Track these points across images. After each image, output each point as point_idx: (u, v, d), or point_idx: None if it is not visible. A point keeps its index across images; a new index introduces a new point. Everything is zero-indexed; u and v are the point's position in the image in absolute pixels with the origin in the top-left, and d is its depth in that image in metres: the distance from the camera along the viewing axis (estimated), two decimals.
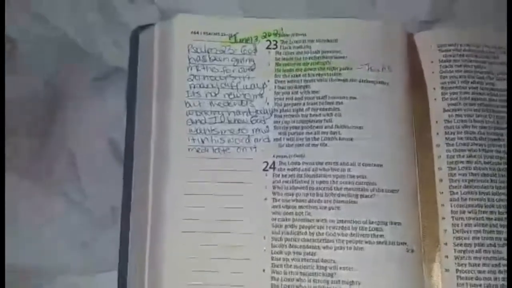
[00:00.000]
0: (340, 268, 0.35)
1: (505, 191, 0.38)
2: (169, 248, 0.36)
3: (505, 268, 0.36)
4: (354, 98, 0.38)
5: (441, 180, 0.38)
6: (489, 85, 0.40)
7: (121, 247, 0.37)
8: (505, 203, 0.38)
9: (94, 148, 0.40)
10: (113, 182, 0.39)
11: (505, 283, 0.36)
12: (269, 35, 0.39)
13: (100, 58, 0.41)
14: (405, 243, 0.36)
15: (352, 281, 0.35)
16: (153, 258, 0.36)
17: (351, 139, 0.37)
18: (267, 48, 0.39)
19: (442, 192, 0.38)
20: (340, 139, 0.37)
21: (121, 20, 0.42)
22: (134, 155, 0.38)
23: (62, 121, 0.40)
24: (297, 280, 0.35)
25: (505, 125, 0.39)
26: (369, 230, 0.36)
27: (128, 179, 0.38)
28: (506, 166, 0.38)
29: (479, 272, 0.36)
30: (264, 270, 0.35)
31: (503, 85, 0.40)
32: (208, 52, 0.38)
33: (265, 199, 0.36)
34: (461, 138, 0.39)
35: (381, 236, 0.36)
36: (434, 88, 0.40)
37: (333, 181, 0.36)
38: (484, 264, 0.36)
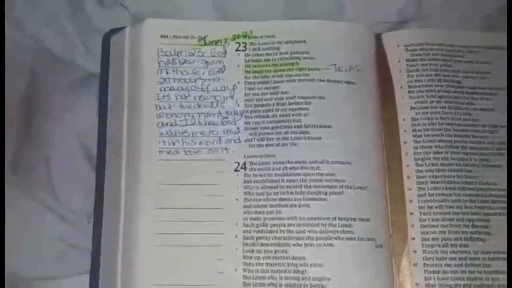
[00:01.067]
0: (311, 264, 0.36)
1: (471, 186, 0.39)
2: (142, 251, 0.37)
3: (472, 261, 0.38)
4: (322, 98, 0.39)
5: (408, 177, 0.40)
6: (455, 83, 0.42)
7: (93, 251, 0.38)
8: (471, 197, 0.39)
9: (68, 154, 0.41)
10: (87, 187, 0.39)
11: (471, 275, 0.38)
12: (238, 37, 0.41)
13: (75, 64, 0.42)
14: (374, 239, 0.37)
15: (323, 277, 0.36)
16: (126, 260, 0.37)
17: (320, 138, 0.38)
18: (237, 50, 0.40)
19: (410, 189, 0.40)
20: (309, 138, 0.38)
21: (94, 25, 0.43)
22: (107, 159, 0.39)
23: (38, 128, 0.41)
24: (269, 278, 0.36)
25: (471, 121, 0.41)
26: (339, 227, 0.37)
27: (100, 183, 0.39)
28: (471, 161, 0.40)
29: (446, 265, 0.38)
30: (236, 269, 0.37)
31: (468, 83, 0.42)
32: (177, 55, 0.40)
33: (237, 199, 0.38)
34: (428, 135, 0.40)
35: (350, 232, 0.37)
36: (401, 87, 0.42)
37: (303, 179, 0.38)
38: (451, 258, 0.38)
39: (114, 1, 0.44)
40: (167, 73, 0.39)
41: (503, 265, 0.38)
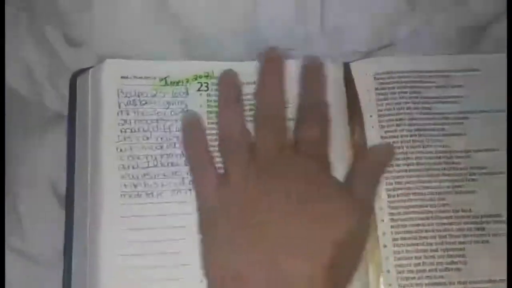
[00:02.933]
0: None
1: (445, 214, 0.40)
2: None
3: None
4: None
5: (381, 208, 0.40)
6: (425, 109, 0.42)
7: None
8: (445, 226, 0.40)
9: (36, 192, 0.42)
10: (56, 225, 0.40)
11: None
12: (200, 78, 0.42)
13: (42, 104, 0.43)
14: None
15: None
16: None
17: None
18: (198, 90, 0.41)
19: (383, 220, 0.40)
20: None
21: (63, 65, 0.44)
22: (75, 199, 0.40)
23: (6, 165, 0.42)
24: None
25: (442, 148, 0.41)
26: None
27: (69, 223, 0.40)
28: (444, 189, 0.40)
29: None
30: None
31: (439, 108, 0.42)
32: (138, 96, 0.41)
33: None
34: (399, 165, 0.41)
35: None
36: (371, 116, 0.42)
37: None
38: None
39: (83, 40, 0.45)
40: (127, 114, 0.40)
41: None
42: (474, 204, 0.40)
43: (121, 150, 0.40)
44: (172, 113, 0.41)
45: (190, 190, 0.39)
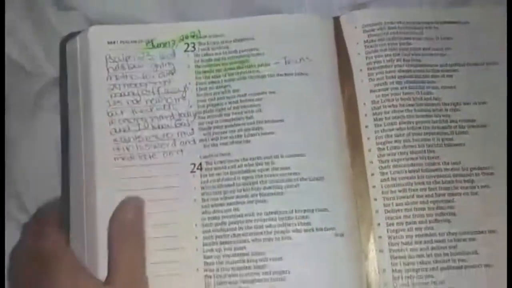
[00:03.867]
0: (270, 259, 0.38)
1: (435, 167, 0.40)
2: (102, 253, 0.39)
3: (438, 244, 0.39)
4: (273, 92, 0.41)
5: (371, 162, 0.41)
6: (415, 61, 0.43)
7: None
8: (434, 179, 0.40)
9: (39, 162, 0.44)
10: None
11: (438, 258, 0.39)
12: (186, 38, 0.42)
13: (41, 72, 0.45)
14: (334, 228, 0.39)
15: (282, 271, 0.38)
16: (90, 262, 0.39)
17: (273, 133, 0.40)
18: (186, 51, 0.42)
19: (373, 174, 0.41)
20: (262, 134, 0.40)
21: (54, 29, 0.45)
22: (70, 167, 0.41)
23: (8, 138, 0.44)
24: (229, 276, 0.38)
25: (432, 100, 0.42)
26: (296, 219, 0.39)
27: (66, 189, 0.41)
28: (434, 142, 0.41)
29: (412, 250, 0.39)
30: (197, 270, 0.39)
31: (429, 60, 0.43)
32: (126, 61, 0.41)
33: (195, 200, 0.40)
34: (389, 118, 0.41)
35: (308, 223, 0.39)
36: (361, 70, 0.43)
37: (258, 175, 0.39)
38: (416, 242, 0.39)
39: (72, 4, 0.45)
40: (116, 79, 0.41)
41: (469, 246, 0.39)
42: (464, 156, 0.41)
43: (112, 115, 0.41)
44: (160, 75, 0.42)
45: (181, 150, 0.40)
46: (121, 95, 0.41)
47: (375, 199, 0.40)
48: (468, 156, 0.41)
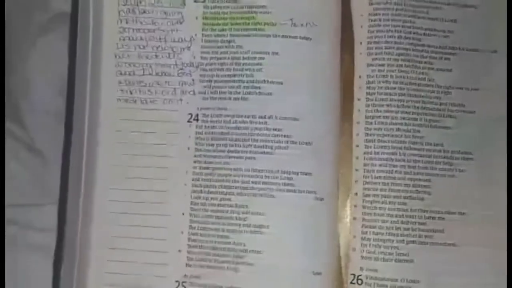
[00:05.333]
0: (252, 213, 0.42)
1: (417, 146, 0.43)
2: (99, 196, 0.43)
3: (408, 219, 0.42)
4: (276, 53, 0.43)
5: (357, 134, 0.44)
6: (415, 40, 0.44)
7: (61, 183, 0.44)
8: (415, 157, 0.43)
9: (39, 95, 0.45)
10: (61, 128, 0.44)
11: (406, 232, 0.42)
12: None
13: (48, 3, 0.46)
14: (315, 192, 0.42)
15: (262, 225, 0.41)
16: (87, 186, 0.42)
17: (270, 94, 0.42)
18: (195, 1, 0.44)
19: (358, 145, 0.43)
20: (260, 93, 0.42)
21: None
22: (74, 102, 0.44)
23: (9, 70, 0.45)
24: (212, 223, 0.42)
25: (426, 81, 0.44)
26: (280, 179, 0.42)
27: (69, 124, 0.44)
28: (421, 121, 0.43)
29: (383, 221, 0.42)
30: (183, 214, 0.42)
31: (429, 41, 0.44)
32: (137, 5, 0.43)
33: (188, 148, 0.42)
34: (381, 94, 0.44)
35: (291, 185, 0.42)
36: (361, 43, 0.44)
37: (251, 133, 0.42)
38: (388, 215, 0.42)
39: None
40: (127, 22, 0.43)
41: (437, 224, 0.43)
42: (447, 139, 0.43)
43: (119, 57, 0.43)
44: (169, 23, 0.43)
45: (181, 100, 0.43)
46: (129, 39, 0.43)
47: (356, 170, 0.43)
48: (451, 139, 0.43)
